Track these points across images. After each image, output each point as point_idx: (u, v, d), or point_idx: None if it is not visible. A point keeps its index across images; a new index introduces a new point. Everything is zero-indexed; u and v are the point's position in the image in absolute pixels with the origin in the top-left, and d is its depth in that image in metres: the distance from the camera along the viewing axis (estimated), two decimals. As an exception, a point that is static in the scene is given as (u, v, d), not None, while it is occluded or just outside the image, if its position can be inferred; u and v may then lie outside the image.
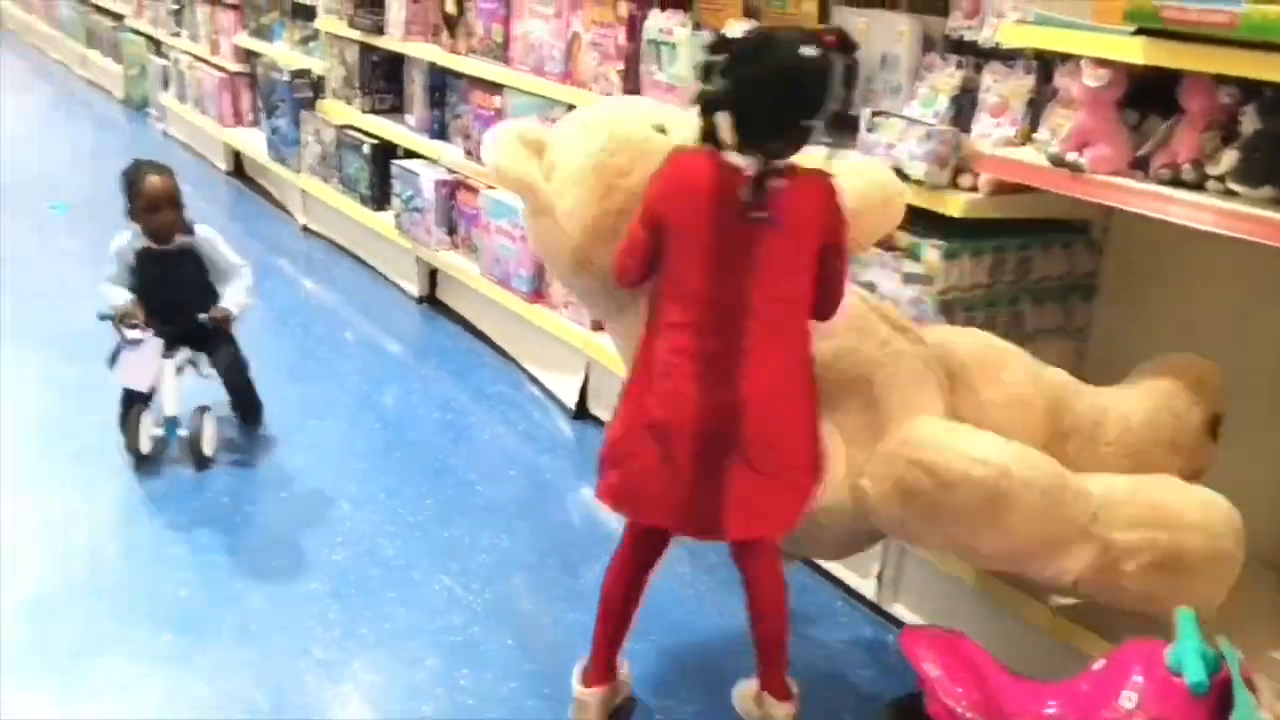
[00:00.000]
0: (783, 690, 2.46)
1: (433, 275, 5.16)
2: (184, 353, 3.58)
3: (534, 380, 4.36)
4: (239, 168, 7.28)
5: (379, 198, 5.37)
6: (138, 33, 8.93)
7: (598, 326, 4.02)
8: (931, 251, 2.75)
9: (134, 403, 3.50)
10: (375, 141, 5.35)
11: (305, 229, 6.24)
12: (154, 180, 3.58)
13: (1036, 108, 2.71)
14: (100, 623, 2.81)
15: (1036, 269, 2.92)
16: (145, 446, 3.47)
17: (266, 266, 5.71)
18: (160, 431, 3.50)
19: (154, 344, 3.47)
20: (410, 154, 5.14)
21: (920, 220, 2.81)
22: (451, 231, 4.81)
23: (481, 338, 4.72)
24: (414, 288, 5.21)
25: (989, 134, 2.76)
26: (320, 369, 4.46)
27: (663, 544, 2.44)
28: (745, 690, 2.55)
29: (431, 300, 5.18)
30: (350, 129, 5.53)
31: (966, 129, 2.80)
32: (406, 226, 5.03)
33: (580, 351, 4.03)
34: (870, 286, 2.89)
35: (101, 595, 2.92)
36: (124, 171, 3.67)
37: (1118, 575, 2.24)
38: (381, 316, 5.08)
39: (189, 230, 3.69)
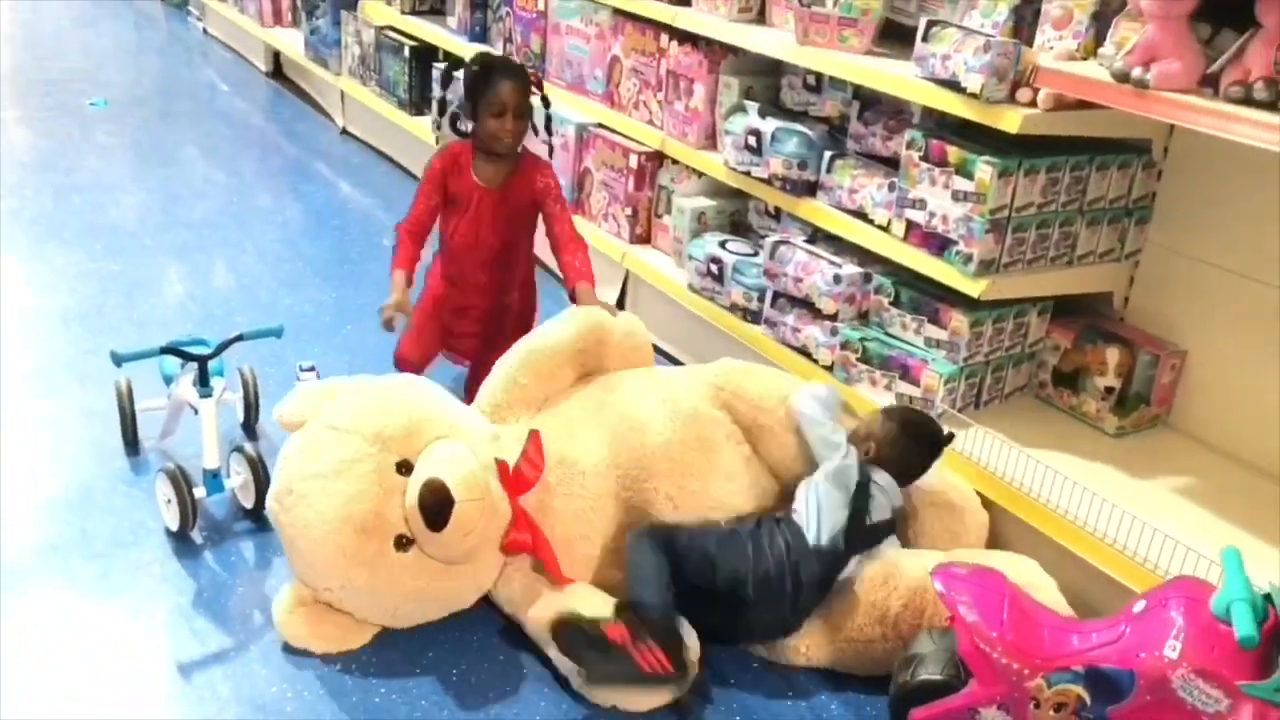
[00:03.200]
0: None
1: (471, 182, 5.11)
2: (219, 382, 2.91)
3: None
4: (278, 68, 7.21)
5: (418, 101, 5.30)
6: (177, -73, 8.81)
7: (637, 240, 3.97)
8: (984, 168, 2.67)
9: (171, 472, 2.70)
10: (415, 44, 5.26)
11: (344, 131, 6.19)
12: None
13: (1101, 20, 2.60)
14: (139, 513, 2.85)
15: (1092, 190, 2.84)
16: (186, 522, 2.73)
17: (305, 169, 5.69)
18: (201, 492, 2.77)
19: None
20: (450, 57, 5.05)
21: (974, 135, 2.73)
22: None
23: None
24: (452, 194, 5.16)
25: (1050, 47, 2.65)
26: (356, 272, 4.44)
27: None
28: None
29: (469, 207, 5.12)
30: (390, 30, 5.44)
31: (1027, 41, 2.70)
32: (446, 131, 4.96)
33: (618, 265, 3.98)
34: (920, 203, 2.82)
35: (141, 486, 2.95)
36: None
37: None
38: (419, 222, 5.03)
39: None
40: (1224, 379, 2.84)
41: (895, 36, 3.07)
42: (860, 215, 3.07)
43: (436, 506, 2.27)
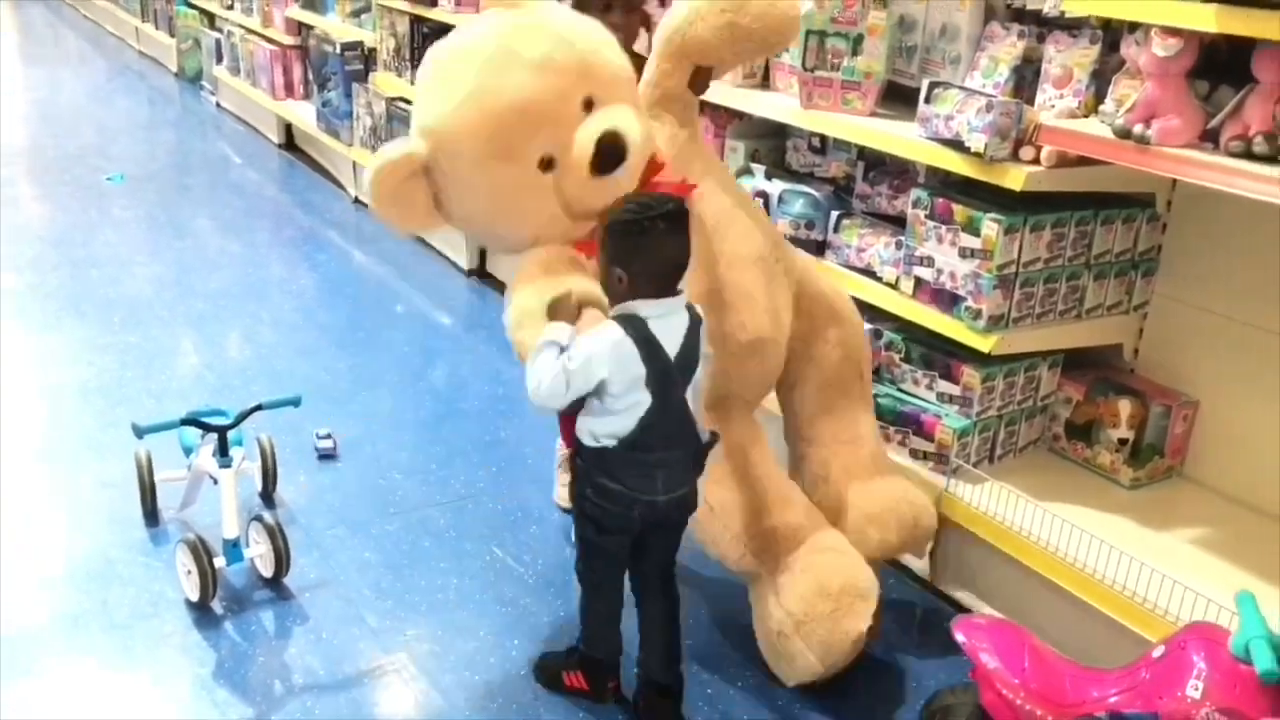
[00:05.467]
0: None
1: (482, 248, 5.18)
2: (238, 452, 2.92)
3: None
4: (290, 140, 7.33)
5: (429, 170, 5.37)
6: (191, 6, 9.00)
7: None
8: (990, 225, 2.70)
9: (191, 543, 2.75)
10: (426, 114, 5.35)
11: (357, 201, 6.28)
12: None
13: (1100, 78, 2.66)
14: (159, 584, 2.86)
15: (1097, 244, 2.87)
16: (206, 593, 2.76)
17: (318, 238, 5.77)
18: (221, 561, 2.80)
19: None
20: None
21: (979, 193, 2.77)
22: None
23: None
24: (463, 260, 5.23)
25: (1052, 105, 2.71)
26: (371, 339, 4.49)
27: None
28: None
29: (481, 273, 5.19)
30: (401, 101, 5.54)
31: (1029, 100, 2.75)
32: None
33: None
34: (928, 260, 2.86)
35: (161, 558, 2.97)
36: None
37: None
38: (431, 289, 5.10)
39: None
40: (1237, 428, 2.85)
41: (898, 98, 3.13)
42: (869, 273, 3.10)
43: (612, 155, 2.29)
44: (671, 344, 2.18)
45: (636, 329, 2.14)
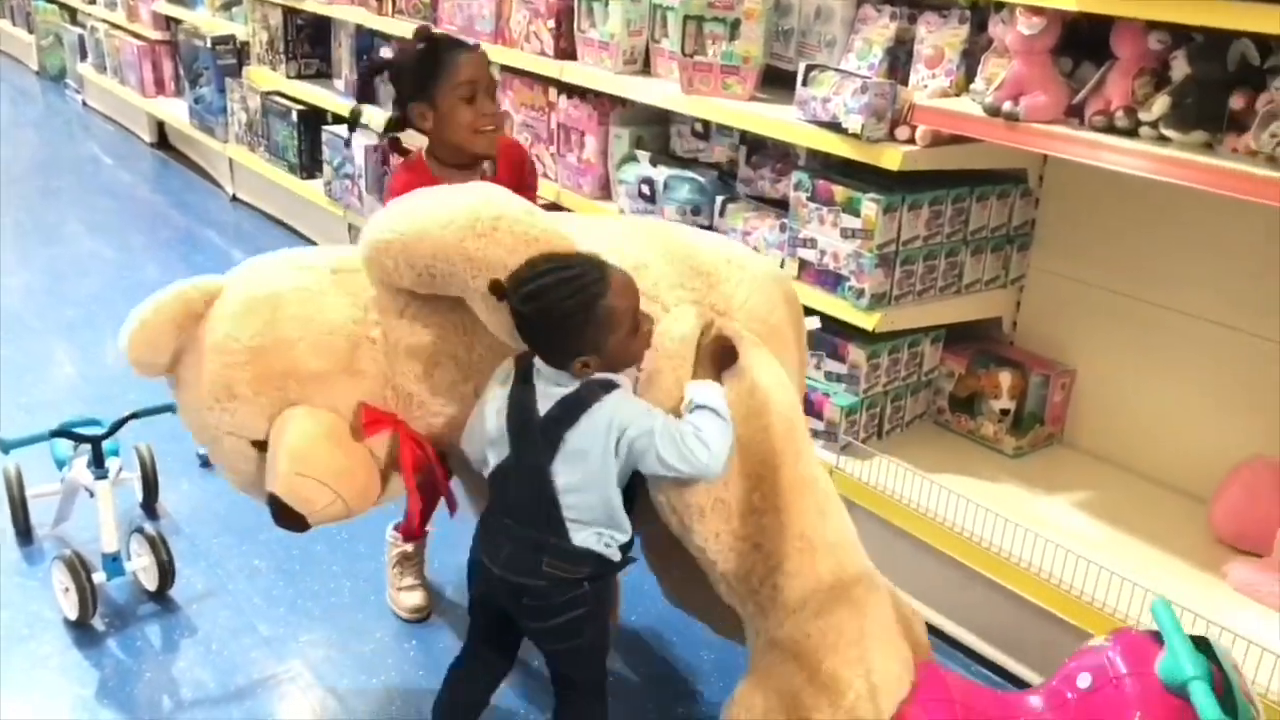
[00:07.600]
0: None
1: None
2: (115, 463, 2.84)
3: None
4: (163, 138, 7.09)
5: (309, 165, 5.26)
6: (50, 0, 8.64)
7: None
8: (869, 205, 2.74)
9: (67, 559, 2.63)
10: (303, 107, 5.23)
11: (234, 199, 6.11)
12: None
13: (971, 58, 2.71)
14: (35, 604, 2.75)
15: (974, 220, 2.93)
16: (86, 610, 2.66)
17: (195, 239, 5.59)
18: (101, 577, 2.72)
19: None
20: (340, 119, 5.03)
21: (858, 174, 2.80)
22: (384, 198, 4.72)
23: (420, 305, 4.64)
24: (349, 256, 5.12)
25: (924, 85, 2.76)
26: (255, 341, 4.36)
27: None
28: None
29: (367, 269, 5.09)
30: (277, 95, 5.40)
31: (902, 81, 2.79)
32: (338, 194, 4.93)
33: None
34: (811, 242, 2.89)
35: (36, 576, 2.85)
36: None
37: None
38: (316, 287, 4.97)
39: None
40: (1111, 394, 2.95)
41: (777, 82, 3.15)
42: (755, 256, 3.12)
43: (292, 525, 2.02)
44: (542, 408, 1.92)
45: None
